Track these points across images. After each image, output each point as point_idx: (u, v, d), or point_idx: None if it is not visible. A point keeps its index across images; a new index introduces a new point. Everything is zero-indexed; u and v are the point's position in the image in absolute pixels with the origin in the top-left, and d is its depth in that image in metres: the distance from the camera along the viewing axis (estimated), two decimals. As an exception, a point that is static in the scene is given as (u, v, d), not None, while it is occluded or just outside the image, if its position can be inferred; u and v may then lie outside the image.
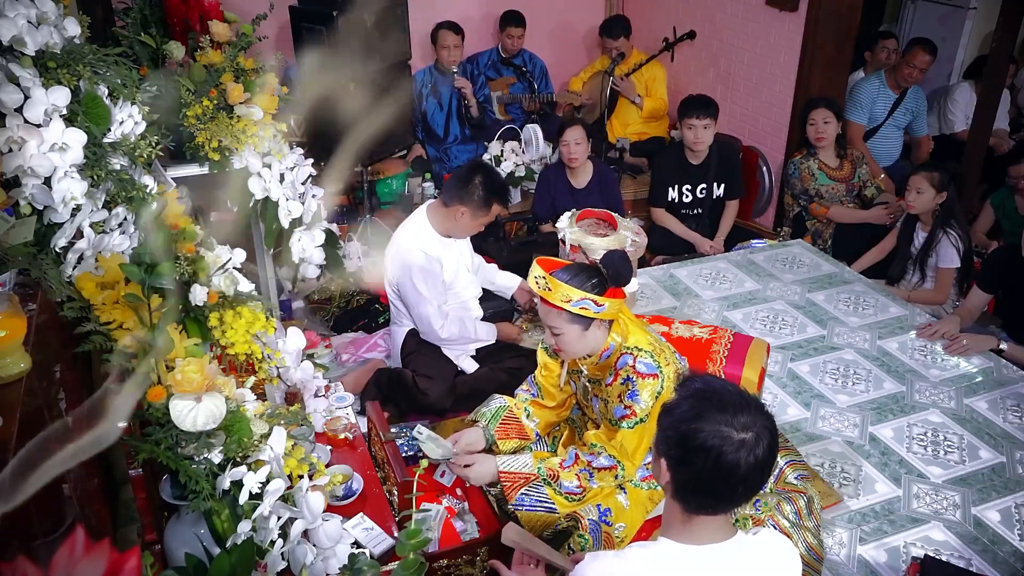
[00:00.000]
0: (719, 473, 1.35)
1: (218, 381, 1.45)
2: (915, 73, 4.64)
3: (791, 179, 4.32)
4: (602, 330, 2.12)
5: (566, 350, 2.15)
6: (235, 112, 2.65)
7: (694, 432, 1.36)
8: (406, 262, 2.90)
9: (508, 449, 2.37)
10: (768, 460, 1.37)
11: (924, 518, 2.44)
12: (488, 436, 2.35)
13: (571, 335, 2.09)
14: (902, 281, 3.79)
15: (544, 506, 2.14)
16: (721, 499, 1.40)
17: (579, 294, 2.02)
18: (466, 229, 2.99)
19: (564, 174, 4.09)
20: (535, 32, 5.41)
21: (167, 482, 1.51)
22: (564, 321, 2.07)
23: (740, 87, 4.96)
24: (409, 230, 2.99)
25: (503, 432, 2.37)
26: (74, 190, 1.43)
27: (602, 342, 2.14)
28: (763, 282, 3.77)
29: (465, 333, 3.05)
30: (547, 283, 2.04)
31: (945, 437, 2.78)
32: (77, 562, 0.70)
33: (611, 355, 2.14)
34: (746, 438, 1.35)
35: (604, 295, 2.04)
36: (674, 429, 1.39)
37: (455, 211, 2.91)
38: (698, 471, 1.36)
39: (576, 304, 2.02)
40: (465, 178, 2.90)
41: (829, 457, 2.69)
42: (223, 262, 1.75)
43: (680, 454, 1.38)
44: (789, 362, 3.19)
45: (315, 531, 1.50)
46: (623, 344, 2.12)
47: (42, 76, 1.42)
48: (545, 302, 2.07)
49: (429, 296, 2.93)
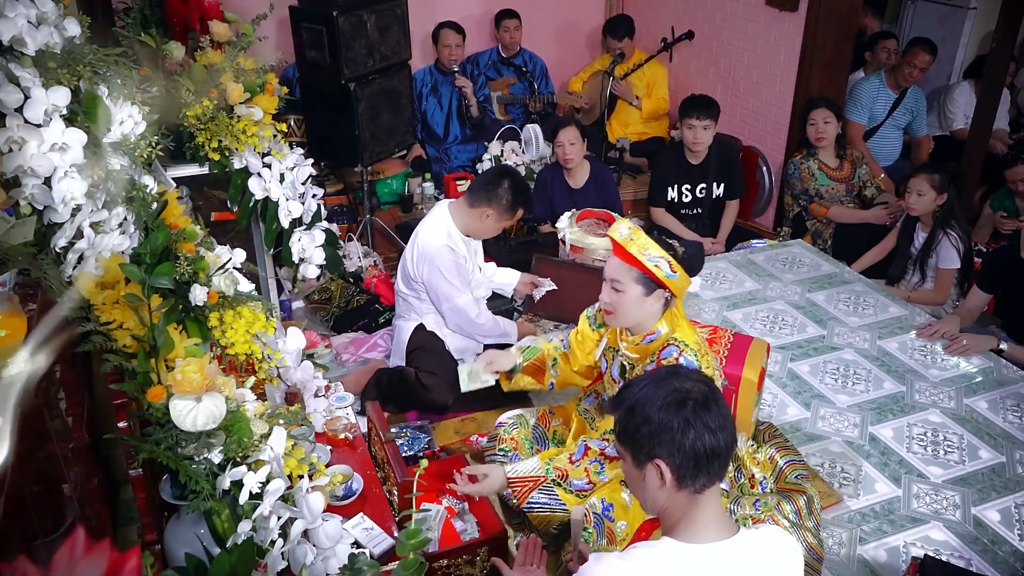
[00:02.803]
0: (707, 431, 1.41)
1: (218, 381, 1.45)
2: (915, 73, 4.64)
3: (791, 179, 4.32)
4: (658, 306, 2.13)
5: (618, 311, 2.15)
6: (235, 112, 2.65)
7: (663, 413, 1.42)
8: (433, 258, 2.93)
9: (523, 385, 2.49)
10: (722, 403, 1.46)
11: (924, 518, 2.44)
12: (517, 365, 2.44)
13: (631, 295, 2.10)
14: (902, 281, 3.79)
15: (556, 505, 2.16)
16: (719, 456, 1.44)
17: (659, 250, 2.05)
18: (488, 231, 3.03)
19: (561, 175, 4.09)
20: (536, 31, 5.41)
21: (167, 482, 1.51)
22: (630, 279, 2.08)
23: (740, 87, 4.96)
24: (433, 226, 3.00)
25: (526, 369, 2.47)
26: (74, 190, 1.43)
27: (653, 321, 2.15)
28: (763, 282, 3.77)
29: (497, 325, 3.11)
30: (631, 232, 2.07)
31: (945, 437, 2.78)
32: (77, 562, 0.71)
33: (655, 341, 2.15)
34: (693, 390, 1.44)
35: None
36: (648, 423, 1.43)
37: (481, 212, 2.94)
38: (693, 441, 1.41)
39: (652, 259, 2.04)
40: (494, 182, 2.95)
41: (829, 457, 2.69)
42: (223, 262, 1.75)
43: (668, 437, 1.42)
44: (789, 362, 3.19)
45: (315, 531, 1.50)
46: (671, 335, 2.14)
47: (42, 76, 1.42)
48: (621, 252, 2.08)
49: (462, 287, 2.97)
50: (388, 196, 4.80)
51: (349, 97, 3.71)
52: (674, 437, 1.41)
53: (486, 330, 3.09)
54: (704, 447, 1.41)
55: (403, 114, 4.11)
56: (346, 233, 4.20)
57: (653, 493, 1.47)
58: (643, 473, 1.46)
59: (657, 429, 1.42)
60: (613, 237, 2.11)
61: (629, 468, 1.50)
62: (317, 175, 3.43)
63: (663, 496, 1.46)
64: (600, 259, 3.47)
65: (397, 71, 3.98)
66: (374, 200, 4.58)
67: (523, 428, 2.52)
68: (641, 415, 1.44)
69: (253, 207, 2.88)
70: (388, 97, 3.94)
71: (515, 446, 2.48)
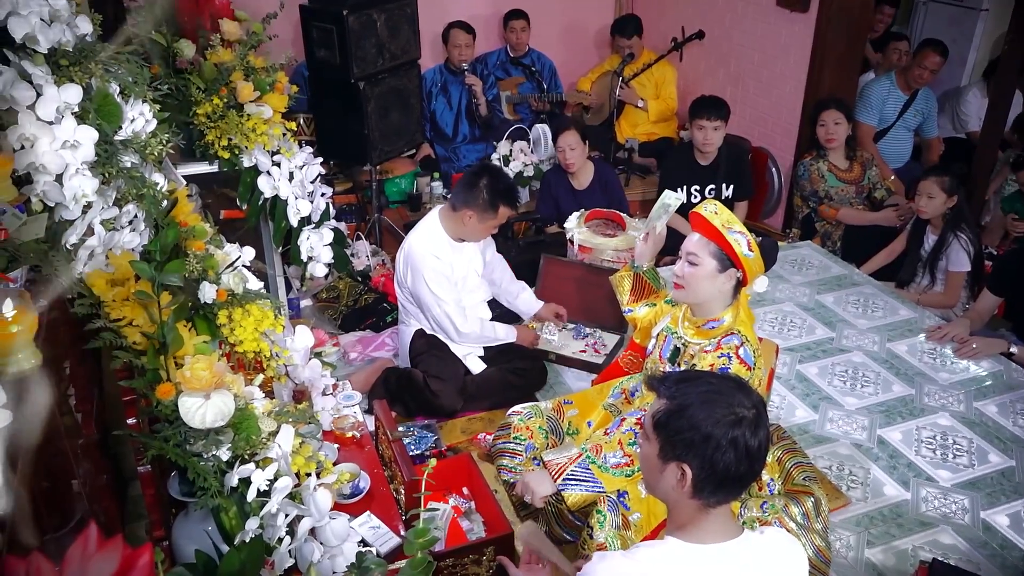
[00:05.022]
0: (746, 458, 1.40)
1: (227, 379, 1.46)
2: (925, 74, 4.62)
3: (801, 180, 4.31)
4: (728, 286, 2.19)
5: (690, 285, 2.20)
6: (245, 110, 2.66)
7: (713, 428, 1.39)
8: (416, 266, 2.90)
9: (640, 310, 2.61)
10: (767, 432, 1.44)
11: (932, 522, 2.44)
12: (652, 276, 2.67)
13: (705, 270, 2.16)
14: (912, 284, 3.78)
15: (589, 485, 2.12)
16: (744, 482, 1.43)
17: (742, 227, 2.15)
18: (475, 233, 2.97)
19: (565, 177, 4.07)
20: (544, 31, 5.40)
21: (175, 479, 1.52)
22: (707, 252, 2.16)
23: (750, 87, 4.95)
24: (420, 234, 2.97)
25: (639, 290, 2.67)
26: (85, 187, 1.43)
27: (719, 305, 2.21)
28: (772, 283, 3.74)
29: (485, 331, 3.06)
30: (716, 207, 2.17)
31: (954, 440, 2.77)
32: (91, 557, 0.71)
33: (717, 328, 2.20)
34: (748, 416, 1.41)
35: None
36: (694, 431, 1.40)
37: (463, 215, 2.89)
38: (727, 463, 1.39)
39: (733, 233, 2.13)
40: (471, 182, 2.88)
41: (837, 460, 2.68)
42: (232, 260, 1.75)
43: (706, 452, 1.39)
44: (797, 364, 3.18)
45: (322, 529, 1.51)
46: (734, 325, 2.19)
47: (54, 74, 1.43)
48: (703, 226, 2.17)
49: (445, 296, 2.92)
50: (397, 195, 4.80)
51: (358, 96, 3.72)
52: (712, 455, 1.39)
53: (472, 338, 3.04)
54: (736, 472, 1.40)
55: (412, 113, 4.12)
56: (354, 232, 4.21)
57: (665, 487, 1.46)
58: (664, 468, 1.44)
59: (701, 440, 1.40)
60: (699, 212, 2.19)
61: (651, 455, 1.47)
62: (326, 174, 3.43)
63: (674, 495, 1.45)
64: (608, 259, 3.47)
65: (407, 70, 3.99)
66: (383, 199, 4.58)
67: (538, 417, 2.51)
68: (689, 420, 1.41)
69: (262, 205, 2.89)
70: (397, 96, 3.95)
71: (530, 435, 2.46)
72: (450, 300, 2.93)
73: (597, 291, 3.27)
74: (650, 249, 2.67)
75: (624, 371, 2.67)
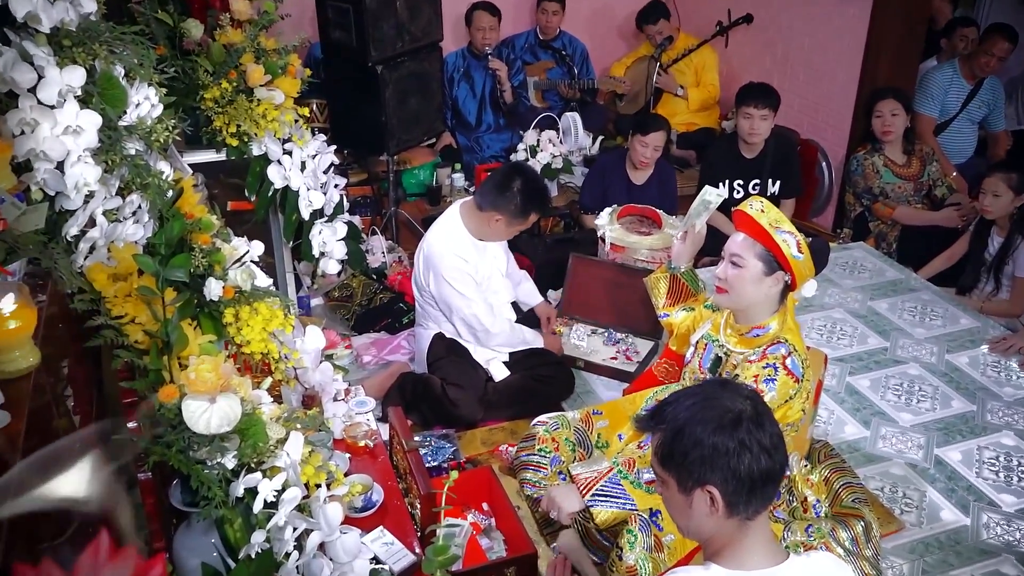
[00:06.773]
0: (763, 452, 1.40)
1: (233, 381, 1.47)
2: (993, 62, 4.56)
3: (853, 176, 4.27)
4: (775, 291, 2.19)
5: (734, 289, 2.20)
6: (255, 95, 2.68)
7: (716, 436, 1.40)
8: (438, 268, 2.90)
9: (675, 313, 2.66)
10: (771, 417, 1.46)
11: (994, 550, 2.41)
12: (691, 279, 2.70)
13: (750, 272, 2.16)
14: (974, 290, 3.74)
15: (620, 502, 2.12)
16: (774, 478, 1.43)
17: (791, 227, 2.16)
18: (500, 236, 2.99)
19: (623, 167, 4.04)
20: (572, 15, 5.39)
21: (177, 487, 1.53)
22: (752, 254, 2.16)
23: (799, 75, 4.92)
24: (441, 231, 2.98)
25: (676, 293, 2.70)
26: (87, 175, 1.45)
27: (765, 311, 2.22)
28: (821, 288, 3.72)
29: (515, 333, 3.09)
30: (763, 205, 2.18)
31: (1019, 462, 2.73)
32: (102, 567, 0.72)
33: (762, 336, 2.21)
34: (745, 409, 1.42)
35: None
36: (699, 447, 1.41)
37: (490, 217, 2.90)
38: (747, 466, 1.39)
39: (782, 232, 2.13)
40: (502, 183, 2.88)
41: (890, 481, 2.66)
42: (240, 255, 1.77)
43: (721, 462, 1.40)
44: (848, 376, 3.16)
45: (332, 544, 1.52)
46: (781, 333, 2.19)
47: (57, 55, 1.45)
48: (748, 225, 2.17)
49: (473, 296, 2.94)
50: (415, 187, 4.82)
51: (376, 81, 3.73)
52: (729, 462, 1.39)
53: (502, 340, 3.06)
54: (760, 471, 1.39)
55: (433, 100, 4.13)
56: (369, 226, 4.23)
57: (699, 520, 1.45)
58: (690, 500, 1.44)
59: (710, 454, 1.39)
60: (744, 210, 2.18)
61: (672, 494, 1.47)
62: (340, 164, 3.45)
63: (711, 523, 1.44)
64: (643, 259, 3.46)
65: (427, 54, 4.00)
66: (400, 191, 4.60)
67: (564, 428, 2.51)
68: (691, 438, 1.41)
69: (272, 196, 2.92)
70: (417, 81, 3.96)
71: (555, 447, 2.46)
72: (479, 300, 2.95)
73: (630, 293, 3.27)
74: (688, 249, 2.66)
75: (659, 380, 2.66)
